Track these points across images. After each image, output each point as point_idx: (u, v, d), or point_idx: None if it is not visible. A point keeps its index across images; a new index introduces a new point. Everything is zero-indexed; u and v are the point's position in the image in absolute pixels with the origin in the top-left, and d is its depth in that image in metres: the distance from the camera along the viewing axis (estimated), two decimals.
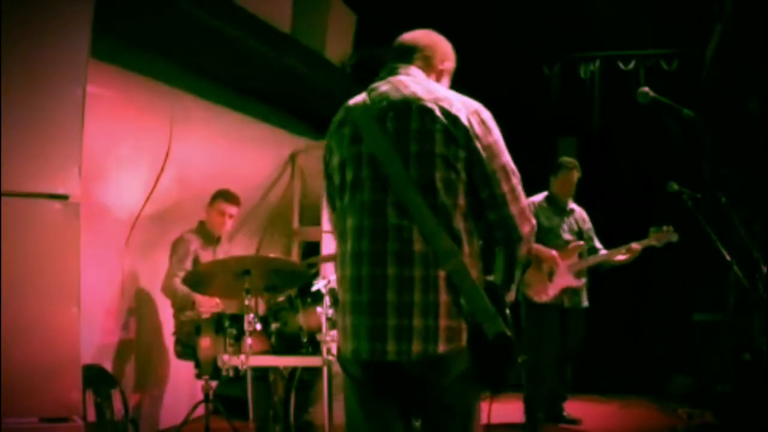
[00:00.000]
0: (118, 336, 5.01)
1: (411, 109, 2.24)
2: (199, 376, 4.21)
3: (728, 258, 4.22)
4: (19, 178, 2.84)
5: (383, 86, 2.37)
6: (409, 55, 2.47)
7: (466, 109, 2.25)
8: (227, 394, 4.55)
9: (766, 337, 4.51)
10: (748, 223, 3.79)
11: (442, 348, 2.13)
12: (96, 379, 4.30)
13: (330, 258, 4.77)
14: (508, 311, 2.19)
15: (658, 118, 6.47)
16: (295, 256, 6.92)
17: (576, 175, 5.46)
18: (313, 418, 4.15)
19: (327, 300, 3.92)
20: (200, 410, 4.45)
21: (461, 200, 2.18)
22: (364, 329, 2.17)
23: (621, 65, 6.86)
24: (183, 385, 5.48)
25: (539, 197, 5.52)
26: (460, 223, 2.17)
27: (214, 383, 4.29)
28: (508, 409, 5.22)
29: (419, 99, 2.25)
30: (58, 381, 2.87)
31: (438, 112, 2.21)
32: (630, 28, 6.70)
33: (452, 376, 2.16)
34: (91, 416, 4.14)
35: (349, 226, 2.24)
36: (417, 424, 2.31)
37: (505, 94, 7.02)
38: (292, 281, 4.32)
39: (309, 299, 4.11)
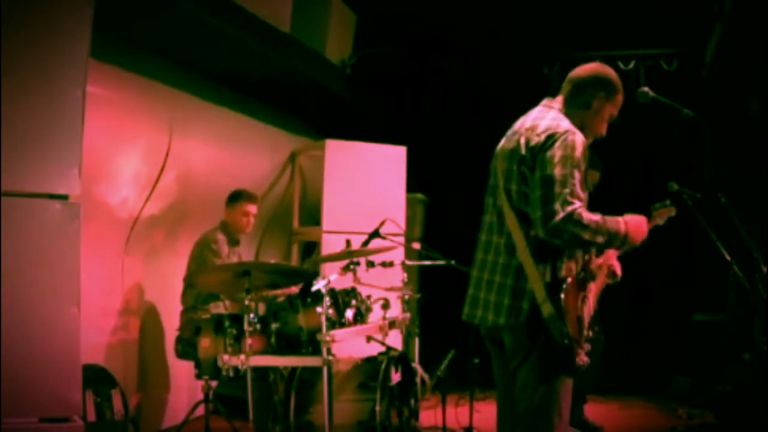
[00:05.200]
0: (118, 336, 5.01)
1: (515, 134, 2.86)
2: (199, 376, 4.21)
3: (728, 258, 4.22)
4: (19, 178, 2.83)
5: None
6: (563, 87, 3.01)
7: (544, 133, 2.75)
8: (227, 394, 4.56)
9: (766, 337, 4.51)
10: (748, 223, 3.79)
11: (503, 320, 2.75)
12: (96, 379, 4.30)
13: (329, 258, 4.77)
14: (562, 299, 2.67)
15: (658, 118, 6.50)
16: (294, 256, 6.92)
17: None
18: (313, 418, 4.15)
19: (327, 300, 3.92)
20: (200, 410, 4.45)
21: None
22: (468, 297, 2.94)
23: (621, 65, 6.85)
24: (183, 385, 5.49)
25: None
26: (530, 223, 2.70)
27: (214, 383, 4.30)
28: None
29: (522, 126, 2.86)
30: (58, 381, 2.86)
31: (522, 138, 2.80)
32: (630, 28, 6.70)
33: (514, 344, 2.79)
34: (91, 416, 4.14)
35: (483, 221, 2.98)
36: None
37: (504, 93, 7.03)
38: (292, 280, 4.33)
39: (309, 299, 4.11)
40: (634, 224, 2.82)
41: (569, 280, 2.74)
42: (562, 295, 2.67)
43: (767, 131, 5.84)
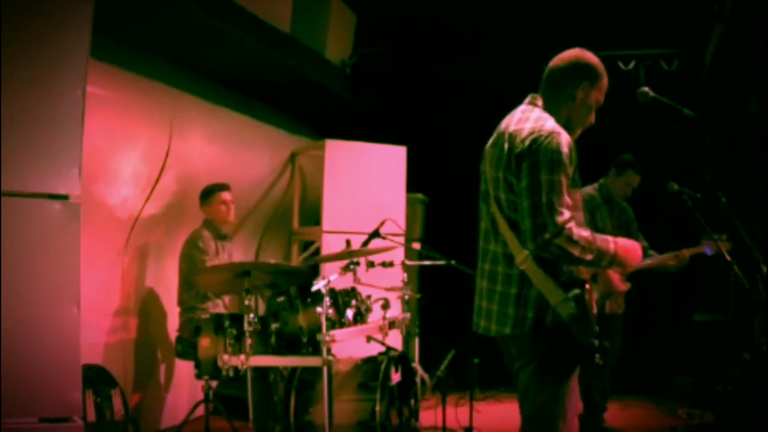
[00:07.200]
0: (118, 336, 5.01)
1: (500, 138, 2.75)
2: (199, 376, 4.21)
3: (728, 258, 4.22)
4: (19, 178, 2.83)
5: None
6: (542, 82, 2.86)
7: (529, 137, 2.63)
8: (227, 394, 4.55)
9: (766, 337, 4.51)
10: (748, 223, 3.79)
11: (508, 330, 2.66)
12: (96, 379, 4.30)
13: (329, 258, 4.77)
14: (586, 298, 2.59)
15: (658, 118, 6.51)
16: (294, 256, 6.92)
17: (638, 180, 5.29)
18: (313, 418, 4.15)
19: (327, 300, 3.92)
20: (200, 410, 4.45)
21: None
22: (475, 307, 2.85)
23: (621, 65, 6.85)
24: (183, 385, 5.49)
25: (591, 189, 5.29)
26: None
27: (214, 383, 4.29)
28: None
29: (506, 129, 2.73)
30: (58, 381, 2.86)
31: (507, 144, 2.69)
32: (630, 28, 6.70)
33: (519, 353, 2.70)
34: (91, 416, 4.14)
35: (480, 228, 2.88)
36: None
37: (504, 93, 7.02)
38: (292, 279, 4.33)
39: (309, 299, 4.11)
40: (624, 246, 2.70)
41: (587, 277, 2.67)
42: (586, 294, 2.58)
43: (767, 131, 5.84)
